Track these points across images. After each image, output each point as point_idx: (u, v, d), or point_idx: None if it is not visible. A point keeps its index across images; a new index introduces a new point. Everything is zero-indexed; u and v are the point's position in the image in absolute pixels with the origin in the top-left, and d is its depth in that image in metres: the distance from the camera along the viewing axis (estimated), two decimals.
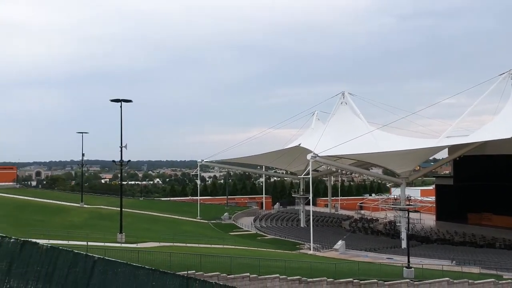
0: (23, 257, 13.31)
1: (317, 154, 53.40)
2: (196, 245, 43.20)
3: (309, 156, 53.63)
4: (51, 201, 72.69)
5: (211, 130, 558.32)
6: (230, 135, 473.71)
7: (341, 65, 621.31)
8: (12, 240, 13.31)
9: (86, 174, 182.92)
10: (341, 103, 71.86)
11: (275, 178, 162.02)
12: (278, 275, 26.11)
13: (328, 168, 75.10)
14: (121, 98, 42.13)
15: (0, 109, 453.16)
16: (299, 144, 68.55)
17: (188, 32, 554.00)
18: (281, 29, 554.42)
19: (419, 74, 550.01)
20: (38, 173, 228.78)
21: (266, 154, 77.17)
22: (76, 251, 13.83)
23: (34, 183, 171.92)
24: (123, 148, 42.17)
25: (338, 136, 59.13)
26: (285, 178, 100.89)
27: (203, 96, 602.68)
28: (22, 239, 13.46)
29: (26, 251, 13.38)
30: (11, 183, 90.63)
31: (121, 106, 42.24)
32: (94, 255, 13.98)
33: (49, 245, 13.62)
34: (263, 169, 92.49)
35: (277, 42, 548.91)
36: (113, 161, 43.14)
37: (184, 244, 42.00)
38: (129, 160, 43.90)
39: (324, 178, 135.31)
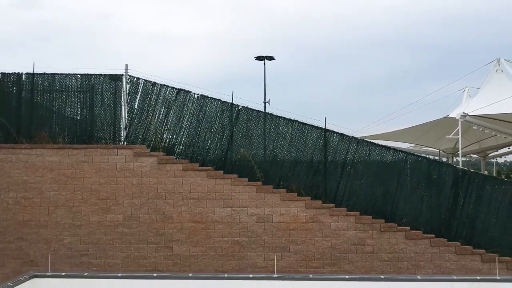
0: (178, 103, 14.91)
1: (467, 114, 48.67)
2: None
3: (458, 115, 49.07)
4: None
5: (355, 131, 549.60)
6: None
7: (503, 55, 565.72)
8: (168, 89, 14.97)
9: None
10: (496, 71, 65.43)
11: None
12: None
13: (482, 130, 68.00)
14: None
15: None
16: (448, 116, 64.19)
17: (337, 32, 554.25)
18: (425, 19, 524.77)
19: None
20: None
21: (410, 129, 73.30)
22: (224, 100, 14.95)
23: None
24: (266, 104, 44.52)
25: (493, 103, 53.96)
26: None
27: (346, 96, 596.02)
28: (177, 88, 15.00)
29: (181, 98, 14.95)
30: None
31: (264, 64, 44.83)
32: (238, 104, 14.99)
33: (200, 94, 14.95)
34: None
35: (425, 35, 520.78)
36: None
37: None
38: None
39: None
